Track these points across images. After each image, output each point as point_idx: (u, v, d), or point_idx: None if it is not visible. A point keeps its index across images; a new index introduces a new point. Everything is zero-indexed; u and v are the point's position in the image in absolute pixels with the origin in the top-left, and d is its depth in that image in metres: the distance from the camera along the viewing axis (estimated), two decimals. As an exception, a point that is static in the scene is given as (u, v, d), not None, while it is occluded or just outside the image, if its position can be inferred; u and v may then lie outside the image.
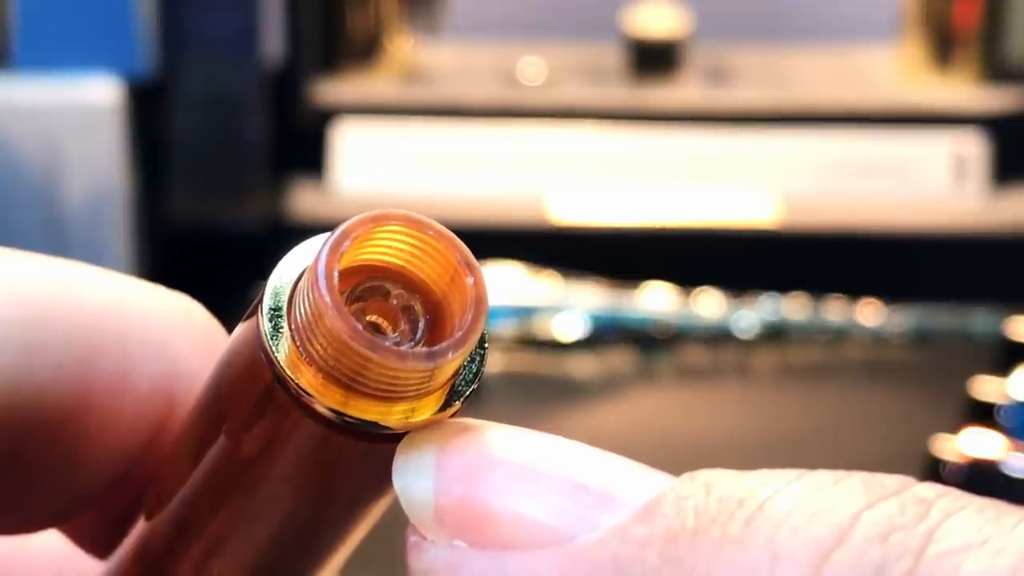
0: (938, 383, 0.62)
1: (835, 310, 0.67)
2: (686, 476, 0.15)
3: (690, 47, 0.77)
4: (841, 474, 0.15)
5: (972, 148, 0.72)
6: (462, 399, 0.17)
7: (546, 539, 0.15)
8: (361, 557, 0.56)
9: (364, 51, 0.76)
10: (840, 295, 0.68)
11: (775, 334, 0.67)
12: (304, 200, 0.72)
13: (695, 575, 0.14)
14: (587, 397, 0.63)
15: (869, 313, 0.67)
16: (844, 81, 0.76)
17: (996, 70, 0.75)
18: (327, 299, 0.16)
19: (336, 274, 0.16)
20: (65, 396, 0.19)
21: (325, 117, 0.73)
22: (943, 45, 0.75)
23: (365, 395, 0.16)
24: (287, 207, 0.72)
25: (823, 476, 0.15)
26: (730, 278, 0.69)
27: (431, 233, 0.17)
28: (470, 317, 0.16)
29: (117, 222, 0.65)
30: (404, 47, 0.78)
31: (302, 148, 0.73)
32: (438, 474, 0.16)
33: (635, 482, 0.15)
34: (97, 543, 0.21)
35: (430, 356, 0.16)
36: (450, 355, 0.16)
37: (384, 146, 0.72)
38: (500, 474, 0.16)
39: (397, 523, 0.55)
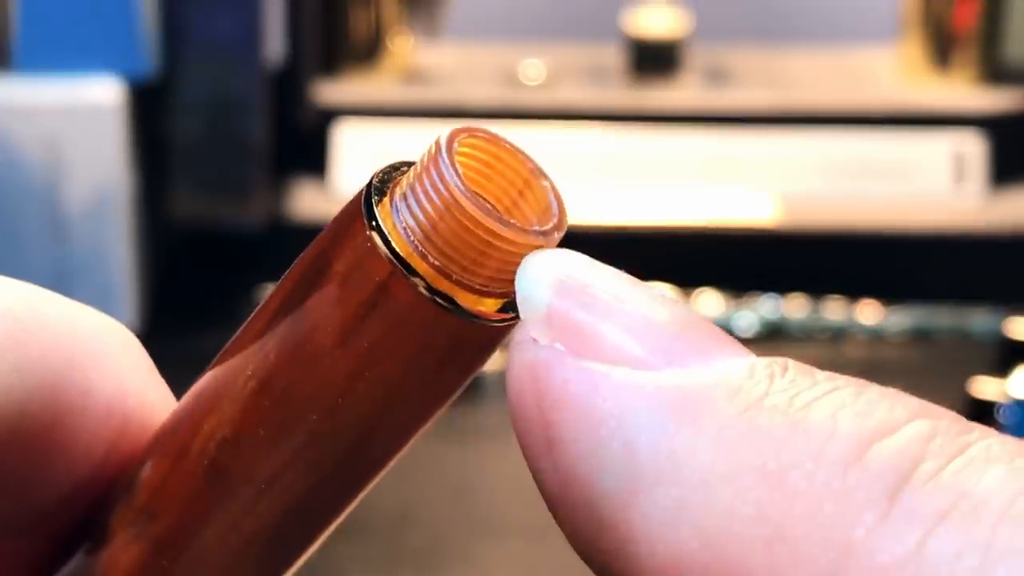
0: (938, 383, 0.62)
1: (835, 310, 0.68)
2: (772, 358, 0.17)
3: (690, 48, 0.78)
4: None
5: (971, 148, 0.72)
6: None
7: (636, 365, 0.17)
8: (361, 557, 0.56)
9: (365, 52, 0.76)
10: (840, 295, 0.68)
11: (775, 333, 0.67)
12: (305, 200, 0.72)
13: (755, 430, 0.16)
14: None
15: (869, 313, 0.68)
16: (844, 82, 0.77)
17: (995, 71, 0.75)
18: (459, 186, 0.18)
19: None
20: (38, 414, 0.20)
21: (326, 118, 0.73)
22: (942, 46, 0.76)
23: (469, 289, 0.18)
24: (288, 207, 0.72)
25: (895, 390, 0.17)
26: (730, 278, 0.69)
27: (506, 147, 0.19)
28: (557, 207, 0.19)
29: (119, 222, 0.65)
30: (405, 48, 0.78)
31: (303, 148, 0.73)
32: (558, 288, 0.18)
33: (728, 345, 0.17)
34: (31, 571, 0.22)
35: (543, 234, 0.18)
36: (556, 235, 0.18)
37: (385, 146, 0.72)
38: (611, 310, 0.17)
39: (397, 524, 0.55)
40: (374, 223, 0.18)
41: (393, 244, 0.18)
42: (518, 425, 0.17)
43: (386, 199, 0.19)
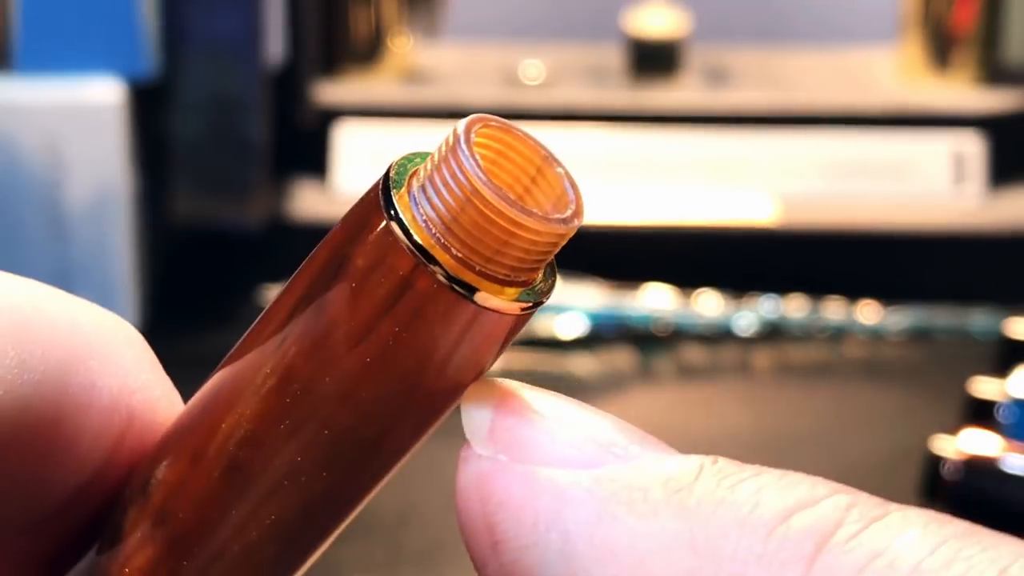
0: (938, 382, 0.62)
1: (835, 310, 0.68)
2: (703, 456, 0.18)
3: (690, 48, 0.78)
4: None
5: (971, 149, 0.72)
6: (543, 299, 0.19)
7: (572, 466, 0.18)
8: (361, 557, 0.56)
9: (365, 52, 0.77)
10: (840, 295, 0.68)
11: (775, 333, 0.67)
12: (305, 200, 0.72)
13: (684, 508, 0.17)
14: (587, 395, 0.63)
15: (869, 313, 0.68)
16: (843, 82, 0.77)
17: (994, 71, 0.75)
18: (481, 176, 0.18)
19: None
20: (43, 410, 0.20)
21: (326, 118, 0.73)
22: (942, 47, 0.76)
23: (492, 280, 0.18)
24: (288, 207, 0.72)
25: (810, 477, 0.18)
26: (730, 278, 0.69)
27: (518, 134, 0.19)
28: (574, 193, 0.19)
29: (119, 222, 0.65)
30: (405, 48, 0.78)
31: (303, 149, 0.73)
32: (498, 408, 0.19)
33: (660, 446, 0.19)
34: (38, 569, 0.22)
35: (564, 221, 0.18)
36: (576, 221, 0.19)
37: (385, 147, 0.72)
38: (548, 420, 0.19)
39: (398, 524, 0.55)
40: (394, 214, 0.18)
41: (415, 237, 0.18)
42: (465, 534, 0.19)
43: (403, 191, 0.19)
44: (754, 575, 0.17)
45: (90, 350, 0.21)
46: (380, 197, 0.19)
